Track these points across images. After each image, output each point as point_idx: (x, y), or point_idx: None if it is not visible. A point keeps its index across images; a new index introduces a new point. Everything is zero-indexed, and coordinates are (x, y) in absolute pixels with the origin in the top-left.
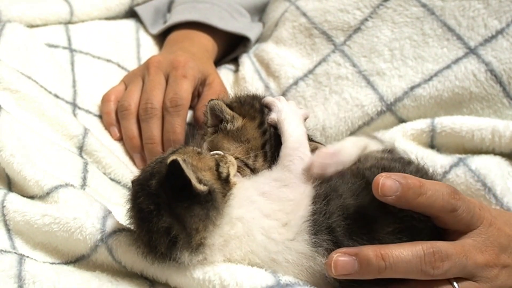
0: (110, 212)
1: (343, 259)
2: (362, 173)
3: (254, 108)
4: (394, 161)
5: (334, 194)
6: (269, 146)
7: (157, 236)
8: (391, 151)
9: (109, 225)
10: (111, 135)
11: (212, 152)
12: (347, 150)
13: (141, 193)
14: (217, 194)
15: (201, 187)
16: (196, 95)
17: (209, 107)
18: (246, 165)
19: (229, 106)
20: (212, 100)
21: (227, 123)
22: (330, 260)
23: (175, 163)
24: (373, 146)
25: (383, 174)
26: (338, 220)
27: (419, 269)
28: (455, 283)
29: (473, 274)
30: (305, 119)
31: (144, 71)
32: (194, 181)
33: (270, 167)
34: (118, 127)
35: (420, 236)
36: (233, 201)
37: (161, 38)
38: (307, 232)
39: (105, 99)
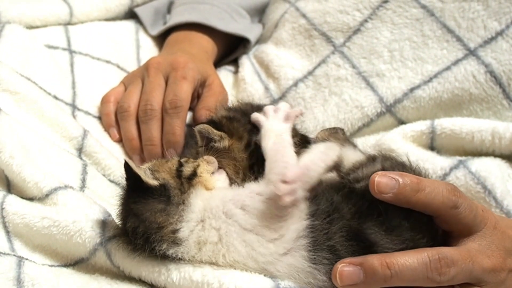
0: (109, 215)
1: (348, 269)
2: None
3: (243, 126)
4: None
5: (336, 214)
6: (257, 168)
7: (132, 237)
8: (375, 158)
9: (109, 229)
10: (110, 136)
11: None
12: (314, 166)
13: (120, 205)
14: (172, 189)
15: (151, 181)
16: (196, 96)
17: (197, 131)
18: (236, 183)
19: (219, 122)
20: (198, 124)
21: (215, 142)
22: (335, 270)
23: (125, 163)
24: (350, 155)
25: (379, 172)
26: (341, 240)
27: (425, 276)
28: None
29: (480, 279)
30: (297, 116)
31: (143, 72)
32: (143, 176)
33: None
34: (118, 128)
35: None
36: (205, 204)
37: (160, 39)
38: (304, 249)
39: (104, 101)
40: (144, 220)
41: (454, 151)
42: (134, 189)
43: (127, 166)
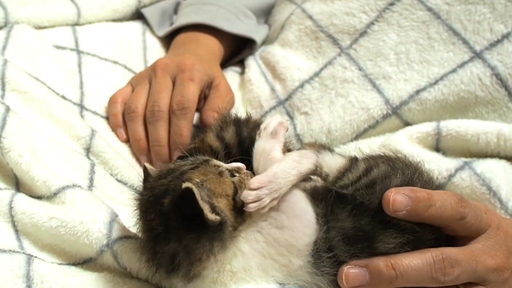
0: (117, 216)
1: (354, 271)
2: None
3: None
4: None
5: (332, 217)
6: None
7: (161, 259)
8: (357, 158)
9: (116, 231)
10: (118, 137)
11: (231, 165)
12: (283, 174)
13: (153, 209)
14: (227, 226)
15: (213, 218)
16: (203, 97)
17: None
18: None
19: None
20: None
21: None
22: (341, 272)
23: (189, 191)
24: (330, 162)
25: (392, 189)
26: (339, 245)
27: (430, 277)
28: None
29: (484, 279)
30: (286, 128)
31: (151, 73)
32: (206, 211)
33: None
34: (125, 129)
35: (424, 246)
36: (241, 234)
37: (167, 40)
38: (309, 263)
39: (112, 101)
40: (189, 253)
41: (460, 152)
42: (189, 216)
43: (191, 194)
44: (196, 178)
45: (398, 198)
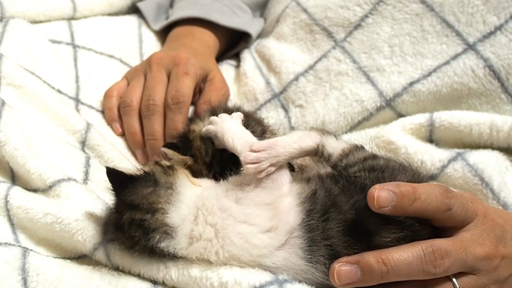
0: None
1: (345, 268)
2: (357, 181)
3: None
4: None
5: (334, 209)
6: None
7: (130, 230)
8: (362, 148)
9: (110, 229)
10: (113, 130)
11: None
12: (283, 144)
13: (108, 220)
14: (158, 174)
15: (135, 172)
16: (198, 91)
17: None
18: None
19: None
20: (165, 145)
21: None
22: (333, 270)
23: (108, 169)
24: (333, 143)
25: (377, 186)
26: (338, 236)
27: (421, 270)
28: (454, 280)
29: (473, 268)
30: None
31: (146, 67)
32: (126, 171)
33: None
34: (120, 122)
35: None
36: (196, 202)
37: (163, 34)
38: (300, 248)
39: (107, 95)
40: (138, 205)
41: (453, 143)
42: (122, 187)
43: (109, 170)
44: None
45: (382, 194)
